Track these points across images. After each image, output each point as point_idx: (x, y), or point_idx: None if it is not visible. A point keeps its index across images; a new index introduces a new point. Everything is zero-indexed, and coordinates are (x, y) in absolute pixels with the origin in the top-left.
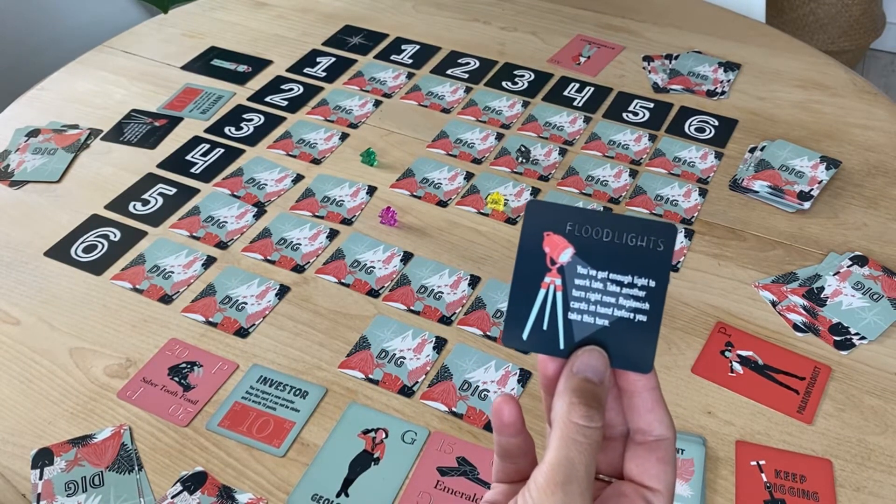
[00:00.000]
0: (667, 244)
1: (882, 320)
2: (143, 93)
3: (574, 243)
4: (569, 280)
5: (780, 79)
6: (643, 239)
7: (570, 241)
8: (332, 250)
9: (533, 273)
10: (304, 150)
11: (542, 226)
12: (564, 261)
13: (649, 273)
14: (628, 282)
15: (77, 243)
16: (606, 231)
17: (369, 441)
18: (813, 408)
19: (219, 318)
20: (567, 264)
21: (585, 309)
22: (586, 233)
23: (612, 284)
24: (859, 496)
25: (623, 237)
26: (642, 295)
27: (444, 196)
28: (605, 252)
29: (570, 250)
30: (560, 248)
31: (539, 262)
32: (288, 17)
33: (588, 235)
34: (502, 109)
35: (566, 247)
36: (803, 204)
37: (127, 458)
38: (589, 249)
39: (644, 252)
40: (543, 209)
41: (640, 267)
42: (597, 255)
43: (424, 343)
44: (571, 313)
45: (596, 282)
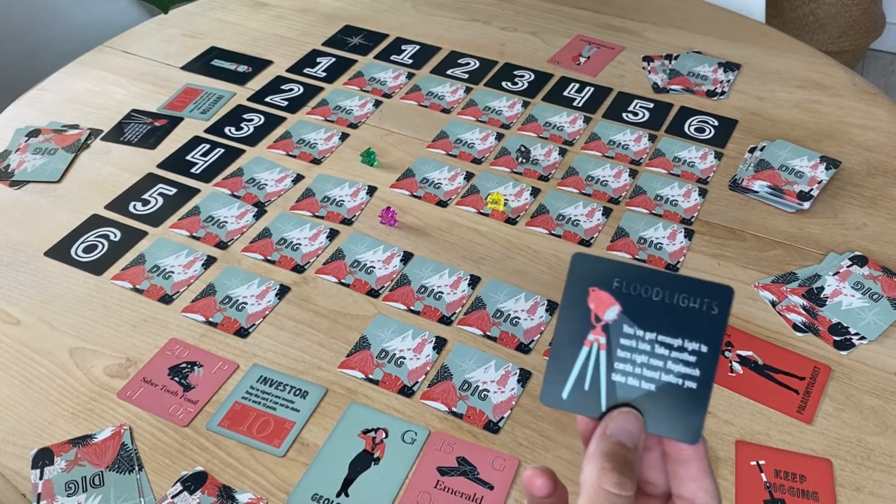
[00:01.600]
0: (722, 308)
1: (882, 320)
2: (144, 93)
3: (621, 301)
4: (614, 339)
5: (780, 79)
6: (696, 300)
7: (617, 298)
8: (332, 250)
9: (576, 330)
10: (305, 150)
11: (588, 280)
12: (610, 319)
13: (701, 337)
14: (678, 345)
15: (77, 243)
16: (657, 290)
17: (369, 441)
18: (813, 408)
19: (219, 318)
20: (613, 323)
21: (631, 371)
22: (634, 290)
23: (661, 347)
24: (859, 496)
25: (675, 297)
26: (692, 360)
27: (444, 196)
28: (654, 312)
29: (617, 308)
30: (606, 305)
31: (583, 319)
32: (288, 18)
33: (637, 293)
34: (502, 109)
35: (612, 304)
36: (803, 204)
37: (127, 458)
38: (637, 308)
39: (696, 314)
40: (589, 263)
41: (691, 330)
42: (645, 314)
43: (424, 343)
44: (615, 374)
45: (643, 343)
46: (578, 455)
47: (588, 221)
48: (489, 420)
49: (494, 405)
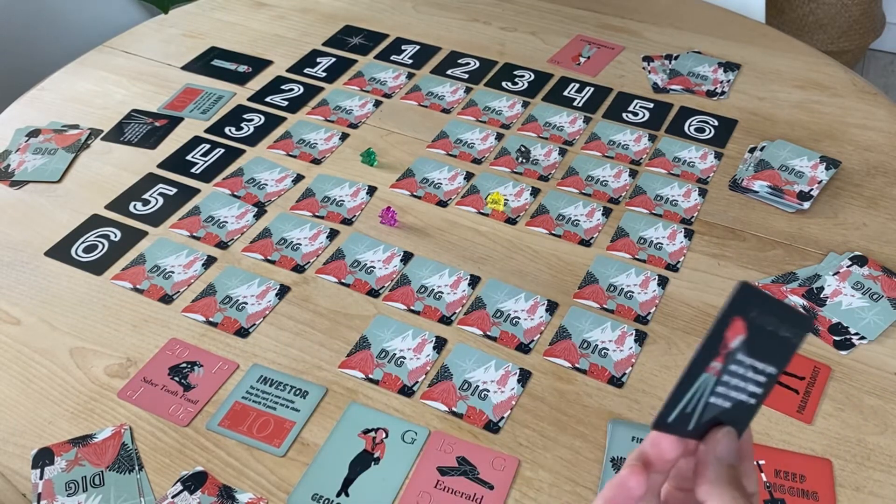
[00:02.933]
0: (800, 337)
1: (881, 320)
2: (144, 93)
3: (749, 331)
4: (728, 366)
5: (780, 79)
6: (789, 330)
7: (749, 328)
8: (333, 250)
9: (710, 358)
10: (305, 150)
11: (740, 311)
12: (734, 347)
13: (777, 361)
14: (761, 368)
15: (77, 243)
16: (774, 320)
17: (369, 441)
18: (812, 407)
19: (219, 318)
20: (733, 350)
21: (723, 392)
22: (761, 322)
23: (751, 371)
24: (859, 496)
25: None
26: (763, 381)
27: (444, 196)
28: (763, 341)
29: (742, 337)
30: (737, 333)
31: (716, 347)
32: (288, 18)
33: (761, 325)
34: (502, 109)
35: (741, 333)
36: (803, 204)
37: (127, 458)
38: (754, 338)
39: (783, 343)
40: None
41: (773, 356)
42: (757, 343)
43: (424, 343)
44: (713, 397)
45: (742, 367)
46: (578, 455)
47: (588, 221)
48: (489, 420)
49: (494, 405)
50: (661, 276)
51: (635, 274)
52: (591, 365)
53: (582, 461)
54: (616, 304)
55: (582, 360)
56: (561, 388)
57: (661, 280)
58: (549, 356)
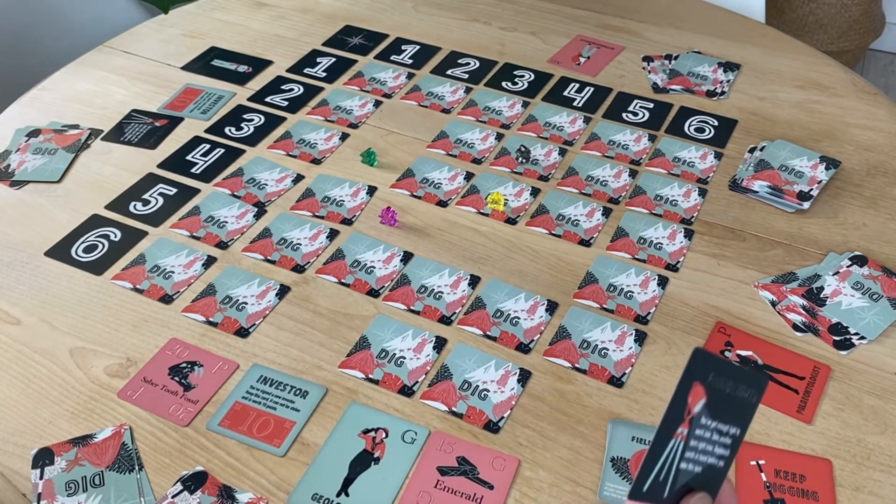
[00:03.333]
0: (758, 396)
1: (881, 320)
2: (144, 93)
3: (709, 394)
4: (693, 430)
5: (780, 79)
6: (746, 391)
7: (707, 391)
8: (333, 250)
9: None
10: (305, 150)
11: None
12: (696, 411)
13: (739, 422)
14: (725, 430)
15: (77, 243)
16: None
17: (369, 441)
18: (812, 407)
19: (219, 318)
20: (696, 415)
21: (692, 457)
22: (719, 384)
23: (716, 434)
24: (859, 496)
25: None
26: (728, 443)
27: (444, 196)
28: (723, 403)
29: (704, 401)
30: (698, 398)
31: (681, 413)
32: (288, 18)
33: (720, 387)
34: (502, 109)
35: (702, 397)
36: (803, 204)
37: (127, 458)
38: (714, 400)
39: (742, 403)
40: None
41: (735, 417)
42: (717, 405)
43: (424, 343)
44: (683, 462)
45: (707, 431)
46: (578, 455)
47: (588, 221)
48: (489, 420)
49: (494, 405)
50: (660, 276)
51: (635, 274)
52: (591, 365)
53: (582, 461)
54: (616, 304)
55: (582, 360)
56: (561, 388)
57: (660, 280)
58: (549, 356)
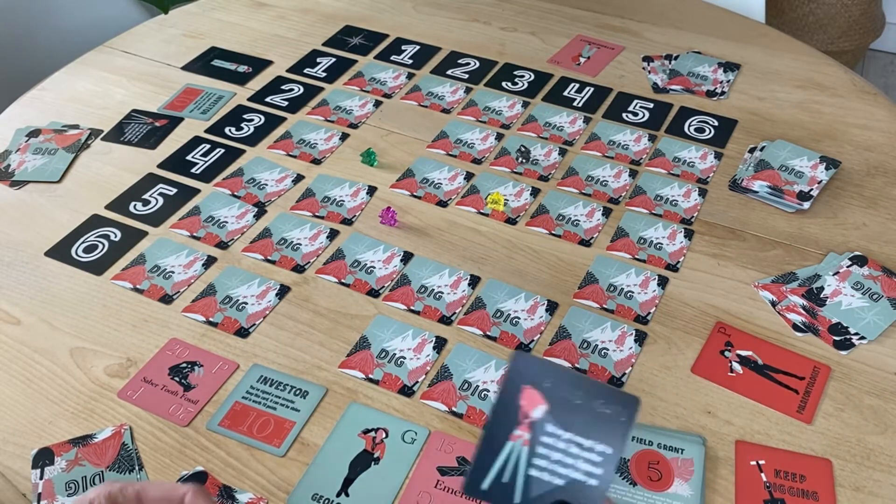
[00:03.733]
0: (629, 416)
1: (881, 320)
2: (144, 93)
3: (550, 401)
4: (537, 436)
5: (780, 79)
6: (610, 408)
7: (547, 398)
8: (333, 250)
9: (505, 424)
10: (305, 151)
11: (525, 379)
12: (537, 417)
13: (609, 440)
14: (588, 446)
15: (77, 243)
16: (579, 394)
17: (369, 441)
18: (812, 407)
19: (219, 318)
20: (538, 421)
21: (546, 467)
22: (561, 392)
23: (574, 446)
24: (859, 496)
25: (592, 403)
26: (598, 460)
27: (444, 196)
28: (574, 414)
29: (544, 407)
30: (535, 403)
31: (513, 415)
32: (288, 18)
33: (562, 395)
34: (502, 109)
35: (540, 403)
36: (803, 204)
37: (127, 458)
38: (561, 409)
39: (608, 420)
40: (529, 363)
41: (601, 434)
42: (566, 415)
43: (424, 343)
44: (533, 469)
45: (560, 442)
46: None
47: (588, 221)
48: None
49: None
50: (661, 276)
51: (635, 274)
52: (591, 365)
53: None
54: (616, 304)
55: (582, 360)
56: None
57: (660, 280)
58: (550, 356)
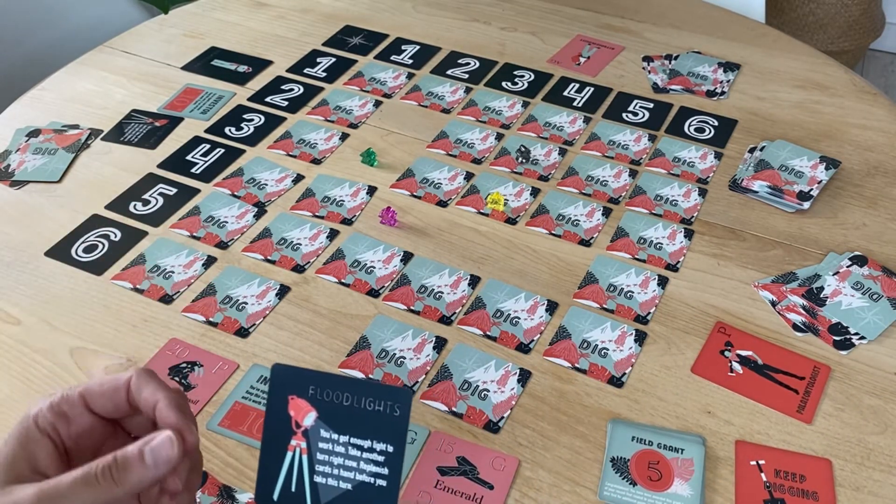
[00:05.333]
0: (402, 410)
1: (881, 320)
2: (144, 93)
3: (317, 407)
4: (313, 443)
5: (780, 79)
6: (381, 404)
7: (314, 404)
8: (333, 250)
9: (280, 435)
10: (305, 151)
11: (287, 389)
12: (308, 424)
13: (387, 438)
14: (368, 446)
15: (77, 243)
16: (346, 395)
17: None
18: (812, 407)
19: (219, 318)
20: (311, 428)
21: (329, 472)
22: (328, 397)
23: (354, 449)
24: (859, 496)
25: (362, 402)
26: (381, 460)
27: (444, 196)
28: (345, 416)
29: (314, 414)
30: (304, 411)
31: (285, 425)
32: (288, 18)
33: (329, 399)
34: (502, 109)
35: (309, 410)
36: (803, 204)
37: None
38: (331, 414)
39: (382, 417)
40: (286, 373)
41: (378, 432)
42: (338, 419)
43: (424, 343)
44: (316, 476)
45: (338, 446)
46: (578, 455)
47: (588, 221)
48: (489, 420)
49: (494, 405)
50: (660, 276)
51: (635, 274)
52: (591, 365)
53: (582, 461)
54: (616, 303)
55: (582, 360)
56: (561, 388)
57: (660, 280)
58: (549, 356)
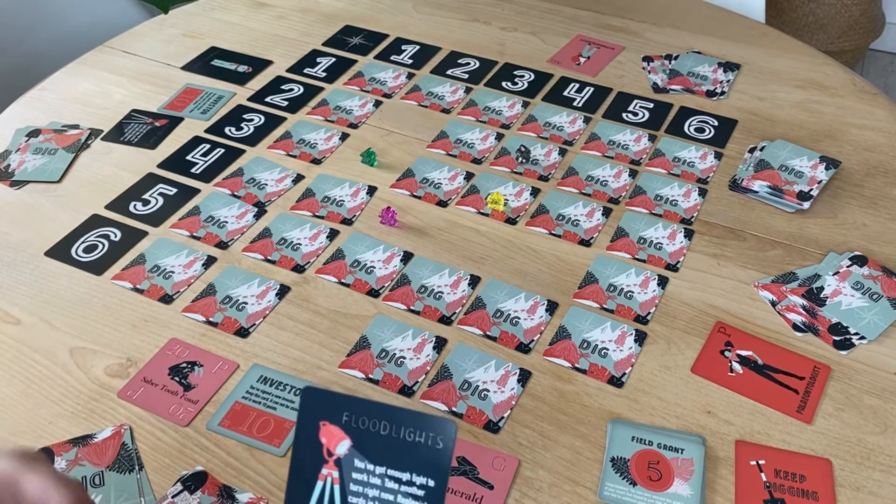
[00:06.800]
0: (446, 442)
1: (881, 320)
2: (144, 93)
3: (351, 435)
4: (346, 473)
5: (780, 79)
6: (421, 435)
7: (347, 432)
8: (333, 250)
9: (311, 464)
10: (305, 150)
11: (319, 415)
12: (341, 453)
13: (428, 472)
14: (407, 479)
15: (77, 243)
16: (384, 424)
17: None
18: (812, 407)
19: (219, 318)
20: (344, 457)
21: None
22: (363, 424)
23: (391, 481)
24: (859, 496)
25: (401, 432)
26: (421, 494)
27: (444, 196)
28: (382, 446)
29: (347, 442)
30: (337, 439)
31: (316, 453)
32: (288, 18)
33: (365, 427)
34: (502, 109)
35: (343, 438)
36: (803, 204)
37: (127, 458)
38: (366, 443)
39: (423, 449)
40: (318, 397)
41: (418, 465)
42: (374, 449)
43: (424, 343)
44: None
45: (374, 477)
46: (579, 455)
47: (588, 221)
48: (489, 420)
49: (494, 405)
50: (661, 276)
51: (635, 274)
52: (591, 365)
53: (582, 461)
54: (616, 304)
55: (582, 360)
56: (561, 388)
57: (660, 280)
58: (549, 356)
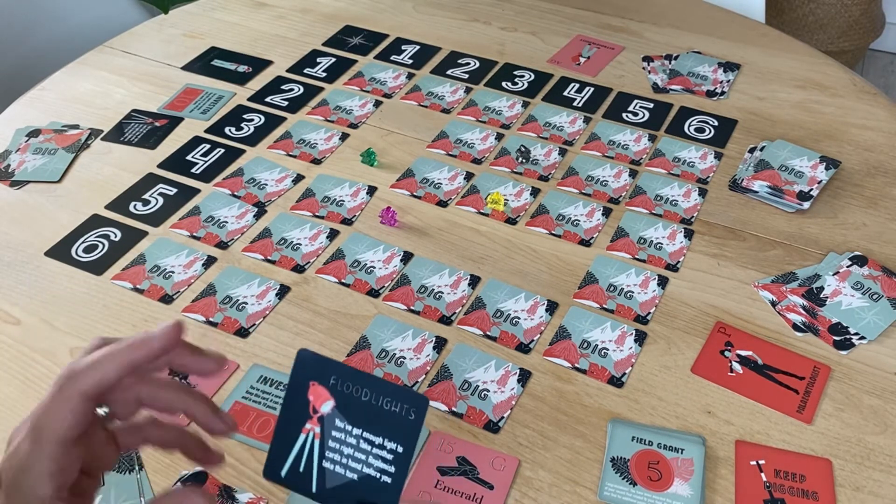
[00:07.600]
0: (418, 414)
1: (881, 320)
2: (144, 93)
3: (335, 397)
4: (327, 430)
5: (780, 79)
6: (397, 405)
7: (333, 394)
8: (333, 250)
9: (296, 417)
10: (305, 150)
11: (309, 375)
12: (325, 412)
13: (399, 439)
14: (379, 443)
15: (77, 243)
16: (366, 391)
17: None
18: (812, 407)
19: (219, 318)
20: (327, 415)
21: (338, 460)
22: (347, 389)
23: (365, 442)
24: (859, 496)
25: (380, 400)
26: (390, 458)
27: (444, 196)
28: (361, 411)
29: (331, 403)
30: (322, 398)
31: (303, 408)
32: (288, 18)
33: (349, 392)
34: (502, 109)
35: (328, 399)
36: (803, 204)
37: (127, 458)
38: (348, 405)
39: (397, 418)
40: (311, 360)
41: (391, 431)
42: (354, 412)
43: (424, 343)
44: (326, 462)
45: (350, 437)
46: (579, 455)
47: (588, 221)
48: (489, 420)
49: (494, 405)
50: (661, 276)
51: (635, 274)
52: (591, 365)
53: (582, 461)
54: (616, 304)
55: (582, 360)
56: (561, 387)
57: (661, 280)
58: (549, 356)
